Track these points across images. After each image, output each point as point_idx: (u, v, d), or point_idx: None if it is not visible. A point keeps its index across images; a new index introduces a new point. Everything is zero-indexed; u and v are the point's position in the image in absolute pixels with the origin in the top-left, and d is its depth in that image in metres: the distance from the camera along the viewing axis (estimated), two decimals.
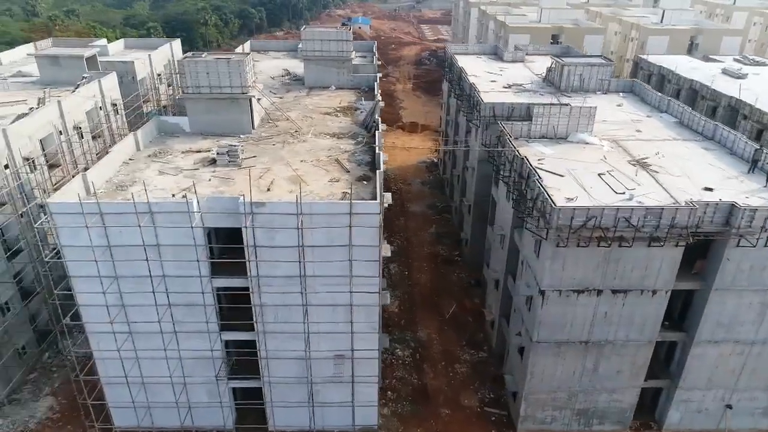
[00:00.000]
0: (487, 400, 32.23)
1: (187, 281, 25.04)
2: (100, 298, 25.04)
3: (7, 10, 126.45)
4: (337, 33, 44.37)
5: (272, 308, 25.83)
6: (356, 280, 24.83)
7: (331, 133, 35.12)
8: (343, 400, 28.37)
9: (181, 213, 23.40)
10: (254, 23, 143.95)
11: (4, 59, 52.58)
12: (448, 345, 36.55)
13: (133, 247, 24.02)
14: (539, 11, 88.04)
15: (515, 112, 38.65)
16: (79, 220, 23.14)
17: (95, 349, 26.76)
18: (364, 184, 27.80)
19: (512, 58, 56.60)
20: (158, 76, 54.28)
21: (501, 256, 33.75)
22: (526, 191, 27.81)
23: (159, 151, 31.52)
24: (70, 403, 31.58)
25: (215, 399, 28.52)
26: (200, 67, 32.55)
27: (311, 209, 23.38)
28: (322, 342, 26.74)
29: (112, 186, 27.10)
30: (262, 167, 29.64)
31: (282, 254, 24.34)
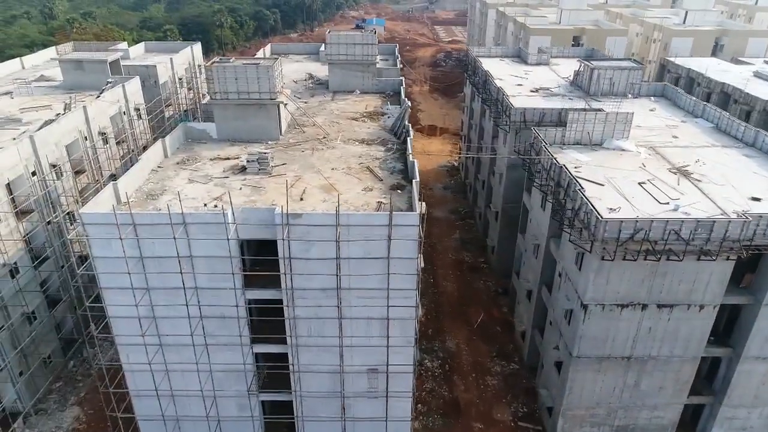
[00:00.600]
0: (520, 414, 31.39)
1: (219, 293, 24.45)
2: (131, 310, 24.53)
3: (26, 13, 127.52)
4: (363, 36, 43.69)
5: (306, 321, 25.17)
6: (393, 293, 24.10)
7: (359, 139, 34.45)
8: (375, 415, 27.64)
9: (215, 224, 22.82)
10: (269, 25, 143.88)
11: (26, 63, 52.46)
12: (477, 356, 35.74)
13: (165, 258, 23.48)
14: (559, 13, 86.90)
15: (546, 118, 37.86)
16: (111, 231, 22.62)
17: (125, 362, 26.24)
18: (398, 193, 27.06)
19: (537, 61, 55.63)
20: (179, 79, 53.99)
21: (534, 266, 32.87)
22: (566, 201, 26.95)
23: (187, 158, 31.01)
24: (96, 413, 31.21)
25: (245, 412, 27.92)
26: (228, 73, 32.01)
27: (349, 221, 22.68)
28: (355, 356, 26.02)
29: (142, 195, 26.61)
30: (293, 175, 29.00)
31: (317, 266, 23.68)
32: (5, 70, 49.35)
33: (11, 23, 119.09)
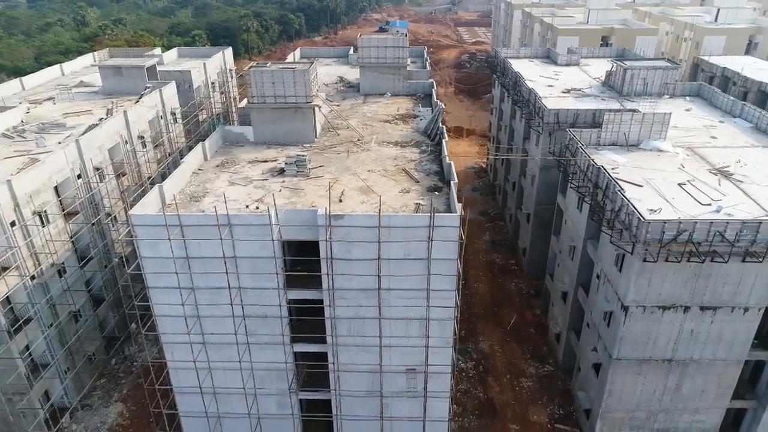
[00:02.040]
0: (557, 416, 31.26)
1: (262, 293, 24.95)
2: (176, 309, 25.21)
3: (59, 20, 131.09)
4: (394, 39, 44.02)
5: (346, 321, 25.53)
6: (432, 293, 24.31)
7: (393, 141, 34.74)
8: (413, 414, 27.84)
9: (259, 226, 23.34)
10: (293, 29, 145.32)
11: (66, 69, 54.06)
12: (511, 357, 35.68)
13: (210, 259, 24.08)
14: (587, 12, 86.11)
15: (580, 119, 37.64)
16: (159, 232, 23.32)
17: (169, 359, 26.94)
18: (435, 195, 27.27)
19: (567, 62, 55.19)
20: (212, 84, 55.04)
21: (570, 267, 32.71)
22: (604, 202, 26.82)
23: (226, 161, 31.69)
24: (139, 410, 32.05)
25: (284, 410, 28.39)
26: (266, 77, 32.63)
27: (390, 222, 22.96)
28: (394, 355, 26.27)
29: (185, 197, 27.31)
30: (331, 177, 29.43)
31: (358, 267, 24.02)
32: (47, 76, 50.95)
33: (46, 31, 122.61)
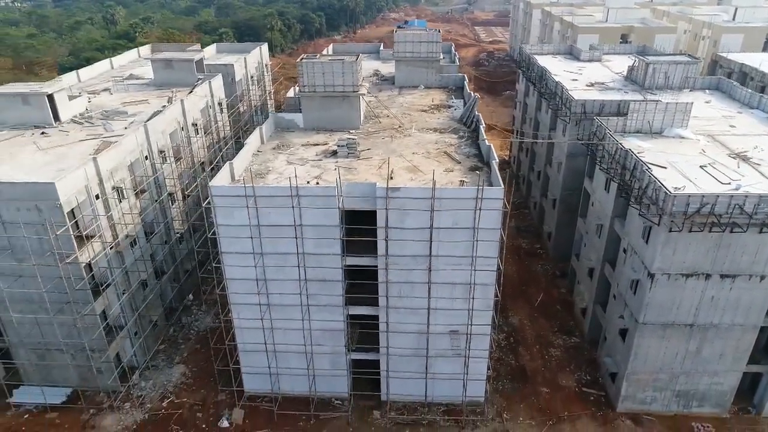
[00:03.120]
0: (584, 381, 33.80)
1: (322, 258, 27.85)
2: (245, 272, 28.18)
3: (89, 19, 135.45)
4: (428, 35, 46.79)
5: (397, 285, 28.33)
6: (477, 260, 27.04)
7: (432, 128, 37.50)
8: (454, 372, 30.58)
9: (325, 197, 26.23)
10: (314, 28, 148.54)
11: (113, 63, 57.39)
12: (540, 330, 38.27)
13: (278, 226, 27.02)
14: (605, 11, 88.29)
15: (605, 109, 40.09)
16: (236, 202, 26.31)
17: (236, 319, 29.94)
18: (477, 174, 29.98)
19: (589, 58, 57.56)
20: (251, 77, 58.15)
21: (597, 245, 35.26)
22: (632, 181, 29.38)
23: (281, 144, 34.66)
24: (199, 370, 35.09)
25: (337, 368, 31.26)
26: (317, 68, 35.50)
27: (442, 194, 25.74)
28: (439, 317, 29.04)
29: (250, 174, 30.26)
30: (379, 159, 32.26)
31: (411, 235, 26.82)
32: (98, 69, 54.25)
33: (76, 29, 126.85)
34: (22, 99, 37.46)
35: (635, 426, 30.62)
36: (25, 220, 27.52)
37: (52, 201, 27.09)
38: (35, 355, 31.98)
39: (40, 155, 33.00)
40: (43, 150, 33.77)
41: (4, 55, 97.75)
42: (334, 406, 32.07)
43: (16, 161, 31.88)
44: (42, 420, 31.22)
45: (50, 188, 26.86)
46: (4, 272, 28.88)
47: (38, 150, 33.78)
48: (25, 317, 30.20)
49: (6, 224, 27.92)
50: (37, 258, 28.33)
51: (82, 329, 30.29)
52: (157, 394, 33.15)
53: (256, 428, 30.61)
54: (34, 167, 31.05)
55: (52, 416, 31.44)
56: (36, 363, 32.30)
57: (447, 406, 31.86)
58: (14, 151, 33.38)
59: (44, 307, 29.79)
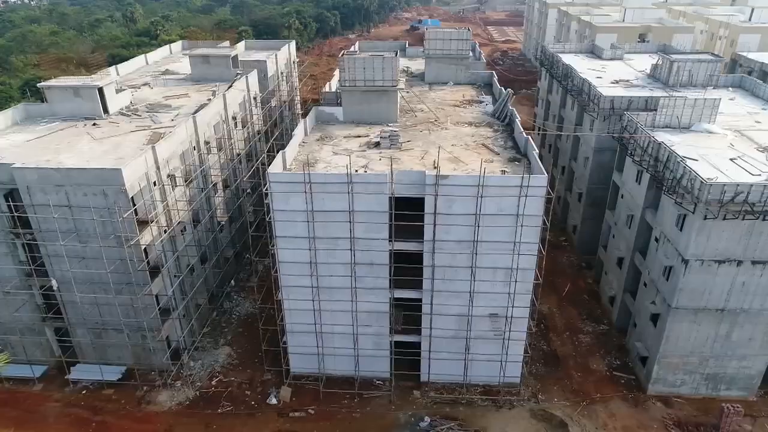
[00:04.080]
0: (614, 365, 35.16)
1: (371, 243, 29.34)
2: (297, 255, 29.72)
3: (110, 17, 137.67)
4: (458, 33, 48.15)
5: (441, 269, 29.79)
6: (519, 245, 28.46)
7: (467, 122, 38.94)
8: (493, 355, 32.01)
9: (377, 184, 27.73)
10: (329, 27, 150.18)
11: (148, 59, 59.12)
12: (569, 318, 39.63)
13: (331, 212, 28.54)
14: (623, 11, 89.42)
15: (633, 105, 41.41)
16: (292, 188, 27.86)
17: (285, 300, 31.48)
18: (516, 164, 31.43)
19: (611, 56, 58.84)
20: (281, 73, 59.75)
21: (627, 235, 36.59)
22: (664, 173, 30.74)
23: (324, 136, 36.18)
24: (243, 352, 36.70)
25: (379, 350, 32.75)
26: (358, 63, 36.99)
27: (488, 182, 27.18)
28: (480, 301, 30.47)
29: (299, 163, 31.82)
30: (420, 150, 33.75)
31: (457, 221, 28.28)
32: (135, 65, 55.95)
33: (96, 27, 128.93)
34: (74, 92, 39.17)
35: (666, 407, 31.95)
36: (91, 205, 29.15)
37: (117, 186, 28.72)
38: (92, 334, 33.64)
39: (96, 145, 34.67)
40: (98, 140, 35.44)
41: (29, 52, 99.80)
42: (376, 385, 33.57)
43: (75, 150, 33.56)
44: (100, 396, 32.88)
45: (117, 174, 28.48)
46: (68, 254, 30.49)
47: (93, 140, 35.45)
48: (86, 297, 31.82)
49: (73, 208, 29.55)
50: (99, 241, 29.98)
51: (139, 310, 31.92)
52: (205, 373, 34.76)
53: (302, 405, 32.14)
54: (93, 156, 32.71)
55: (109, 392, 33.11)
56: (92, 342, 33.96)
57: (483, 386, 33.30)
58: (72, 141, 35.07)
59: (104, 287, 31.47)
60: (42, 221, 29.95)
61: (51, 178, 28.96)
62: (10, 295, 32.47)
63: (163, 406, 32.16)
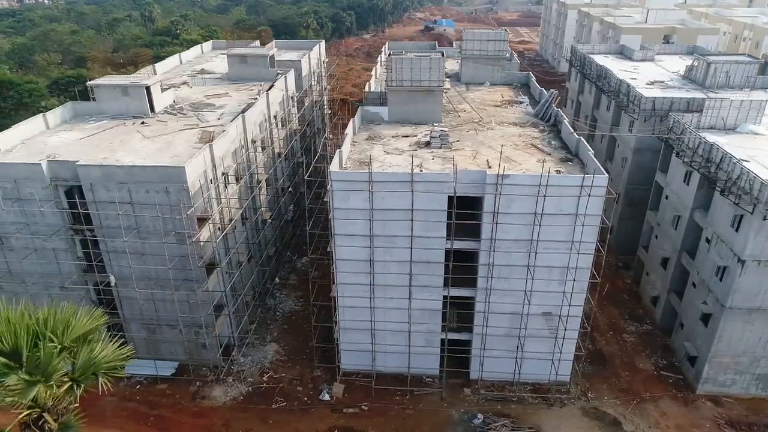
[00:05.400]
0: (660, 365, 35.37)
1: (428, 241, 29.68)
2: (356, 252, 30.09)
3: (128, 16, 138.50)
4: (496, 33, 48.45)
5: (496, 268, 30.08)
6: (576, 244, 28.75)
7: (511, 122, 39.22)
8: (544, 353, 32.29)
9: (438, 183, 28.07)
10: (345, 27, 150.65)
11: (180, 59, 59.63)
12: (611, 318, 39.85)
13: (391, 210, 28.89)
14: (645, 12, 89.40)
15: (674, 106, 41.62)
16: (353, 187, 28.24)
17: (340, 297, 31.85)
18: (569, 165, 31.69)
19: (642, 57, 59.02)
20: (313, 73, 60.15)
21: (673, 236, 36.79)
22: (717, 173, 30.95)
23: (372, 136, 36.54)
24: (290, 348, 37.11)
25: (430, 347, 33.08)
26: (405, 64, 37.32)
27: (549, 181, 27.47)
28: (534, 299, 30.76)
29: (354, 162, 32.20)
30: (471, 150, 34.07)
31: (515, 220, 28.58)
32: (169, 65, 56.45)
33: (114, 26, 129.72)
34: (122, 90, 39.67)
35: (716, 407, 32.16)
36: (155, 202, 29.60)
37: (180, 184, 29.15)
38: (146, 330, 34.10)
39: (149, 143, 35.13)
40: (149, 138, 35.91)
41: (51, 50, 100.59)
42: (426, 383, 33.90)
43: (129, 148, 34.04)
44: (154, 390, 33.33)
45: (180, 172, 28.91)
46: (127, 250, 30.93)
47: (144, 138, 35.93)
48: (143, 293, 32.27)
49: (134, 205, 30.00)
50: (158, 237, 30.43)
51: (195, 306, 32.36)
52: (255, 369, 35.17)
53: (355, 402, 32.50)
54: (148, 153, 33.18)
55: (162, 387, 33.56)
56: (146, 337, 34.42)
57: (533, 384, 33.58)
58: (124, 139, 35.56)
59: (160, 284, 31.93)
60: (103, 218, 30.42)
61: (114, 176, 29.42)
62: (67, 290, 32.94)
63: (217, 401, 32.58)
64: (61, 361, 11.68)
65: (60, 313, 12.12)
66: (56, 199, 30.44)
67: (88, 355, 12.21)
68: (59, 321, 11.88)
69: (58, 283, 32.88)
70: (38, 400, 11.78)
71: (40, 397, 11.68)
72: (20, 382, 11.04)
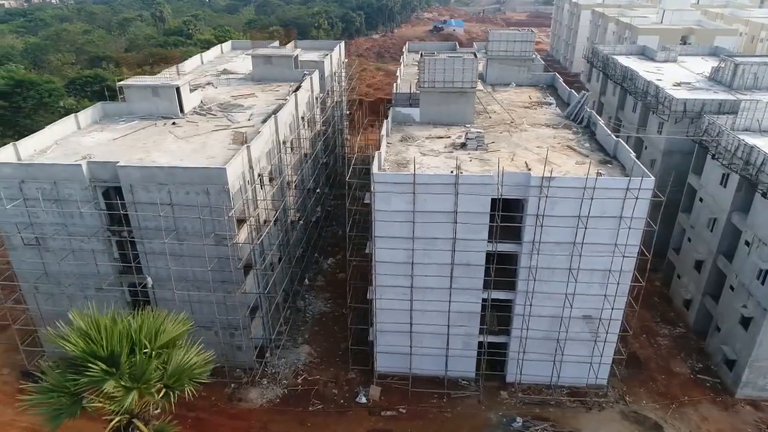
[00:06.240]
0: (696, 368, 35.14)
1: (469, 243, 29.50)
2: (396, 255, 29.92)
3: (139, 16, 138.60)
4: (522, 34, 48.26)
5: (538, 271, 29.88)
6: (620, 247, 28.54)
7: (543, 123, 39.01)
8: (582, 356, 32.09)
9: (482, 185, 27.89)
10: (354, 27, 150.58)
11: (204, 59, 59.54)
12: (643, 321, 39.56)
13: (432, 212, 28.72)
14: (661, 13, 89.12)
15: (706, 108, 41.37)
16: (396, 188, 28.08)
17: (378, 299, 31.68)
18: (608, 167, 31.48)
19: (664, 58, 58.76)
20: (334, 73, 60.00)
21: (708, 238, 36.55)
22: (758, 176, 30.73)
23: (405, 137, 36.38)
24: (323, 350, 36.97)
25: (467, 349, 32.90)
26: (438, 65, 37.16)
27: (595, 184, 27.27)
28: (575, 302, 30.54)
29: (392, 163, 32.03)
30: (507, 151, 33.87)
31: (559, 222, 28.40)
32: (191, 65, 56.34)
33: (125, 26, 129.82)
34: (152, 91, 39.57)
35: (756, 411, 31.93)
36: (193, 203, 29.46)
37: (221, 185, 29.00)
38: None
39: (183, 143, 35.01)
40: (182, 139, 35.79)
41: (64, 50, 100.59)
42: (461, 385, 33.73)
43: (164, 149, 33.93)
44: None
45: (222, 173, 28.76)
46: (167, 252, 30.79)
47: (177, 139, 35.81)
48: (178, 295, 32.11)
49: (174, 206, 29.87)
50: (197, 239, 30.30)
51: (231, 307, 32.22)
52: (290, 371, 35.04)
53: (392, 404, 32.34)
54: (184, 154, 33.06)
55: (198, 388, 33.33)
56: None
57: (569, 388, 33.38)
58: (157, 140, 35.45)
59: (197, 285, 31.81)
60: (141, 219, 30.30)
61: (155, 177, 29.28)
62: (102, 292, 32.83)
63: (254, 403, 32.45)
64: (155, 368, 11.53)
65: (151, 319, 11.95)
66: (95, 200, 30.33)
67: (178, 360, 12.06)
68: (151, 326, 11.73)
69: (93, 285, 32.79)
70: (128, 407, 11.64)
71: (132, 404, 11.55)
72: (119, 388, 10.91)
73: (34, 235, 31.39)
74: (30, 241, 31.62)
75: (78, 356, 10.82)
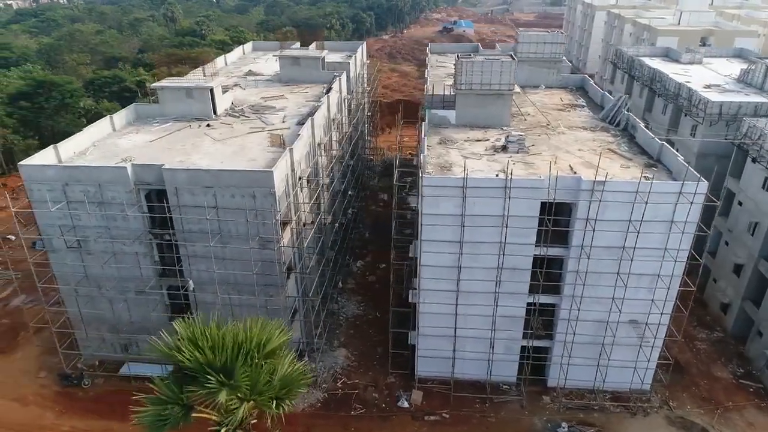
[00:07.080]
0: (738, 373, 34.87)
1: (516, 248, 29.26)
2: (442, 259, 29.71)
3: (151, 16, 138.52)
4: (552, 36, 48.07)
5: (584, 275, 29.64)
6: (671, 252, 28.29)
7: (580, 126, 38.76)
8: (627, 361, 31.83)
9: (532, 189, 27.67)
10: (365, 27, 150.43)
11: (223, 60, 59.36)
12: (678, 325, 39.24)
13: (481, 216, 28.51)
14: (678, 14, 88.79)
15: (741, 110, 41.12)
16: (446, 192, 27.87)
17: (422, 303, 31.46)
18: (654, 170, 31.22)
19: (690, 60, 58.46)
20: (358, 74, 59.83)
21: (749, 242, 36.28)
22: None
23: (443, 140, 36.15)
24: (360, 354, 36.76)
25: (509, 354, 32.68)
26: (476, 67, 36.95)
27: (647, 188, 27.03)
28: (622, 307, 30.27)
29: (435, 167, 31.79)
30: (549, 154, 33.62)
31: (608, 227, 28.15)
32: (215, 66, 56.16)
33: (136, 26, 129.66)
34: (186, 92, 39.41)
35: None
36: (238, 206, 29.26)
37: (267, 188, 28.79)
38: None
39: (221, 146, 34.85)
40: (220, 141, 35.63)
41: (78, 51, 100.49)
42: (503, 390, 33.50)
43: (203, 151, 33.76)
44: None
45: (269, 176, 28.55)
46: (212, 255, 30.57)
47: (215, 141, 35.65)
48: (222, 298, 31.94)
49: (219, 209, 29.68)
50: (241, 242, 30.11)
51: (272, 311, 31.94)
52: (328, 374, 34.83)
53: (433, 409, 32.13)
54: (224, 157, 32.90)
55: None
56: None
57: (612, 393, 33.13)
58: (195, 142, 35.29)
59: (238, 288, 31.60)
60: (185, 222, 30.12)
61: (201, 180, 29.10)
62: (142, 295, 32.66)
63: (296, 407, 32.14)
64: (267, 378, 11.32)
65: (259, 328, 11.74)
66: (138, 203, 30.16)
67: (284, 370, 11.84)
68: (260, 335, 11.51)
69: (134, 288, 32.63)
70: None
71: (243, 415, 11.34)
72: (233, 399, 10.69)
73: (76, 237, 31.23)
74: (72, 244, 31.46)
75: (193, 368, 10.57)
